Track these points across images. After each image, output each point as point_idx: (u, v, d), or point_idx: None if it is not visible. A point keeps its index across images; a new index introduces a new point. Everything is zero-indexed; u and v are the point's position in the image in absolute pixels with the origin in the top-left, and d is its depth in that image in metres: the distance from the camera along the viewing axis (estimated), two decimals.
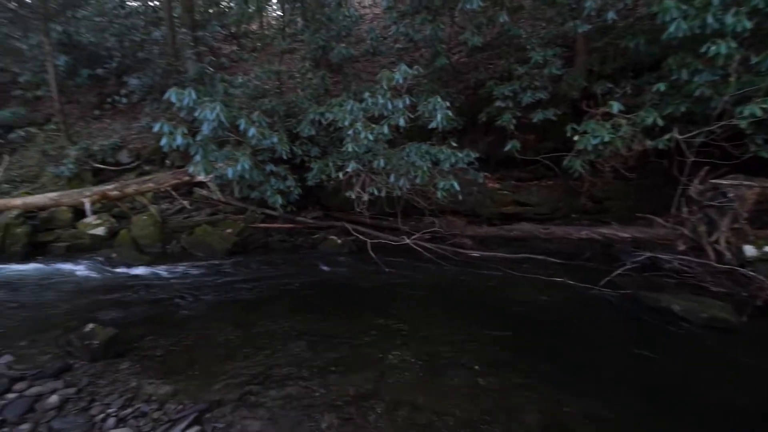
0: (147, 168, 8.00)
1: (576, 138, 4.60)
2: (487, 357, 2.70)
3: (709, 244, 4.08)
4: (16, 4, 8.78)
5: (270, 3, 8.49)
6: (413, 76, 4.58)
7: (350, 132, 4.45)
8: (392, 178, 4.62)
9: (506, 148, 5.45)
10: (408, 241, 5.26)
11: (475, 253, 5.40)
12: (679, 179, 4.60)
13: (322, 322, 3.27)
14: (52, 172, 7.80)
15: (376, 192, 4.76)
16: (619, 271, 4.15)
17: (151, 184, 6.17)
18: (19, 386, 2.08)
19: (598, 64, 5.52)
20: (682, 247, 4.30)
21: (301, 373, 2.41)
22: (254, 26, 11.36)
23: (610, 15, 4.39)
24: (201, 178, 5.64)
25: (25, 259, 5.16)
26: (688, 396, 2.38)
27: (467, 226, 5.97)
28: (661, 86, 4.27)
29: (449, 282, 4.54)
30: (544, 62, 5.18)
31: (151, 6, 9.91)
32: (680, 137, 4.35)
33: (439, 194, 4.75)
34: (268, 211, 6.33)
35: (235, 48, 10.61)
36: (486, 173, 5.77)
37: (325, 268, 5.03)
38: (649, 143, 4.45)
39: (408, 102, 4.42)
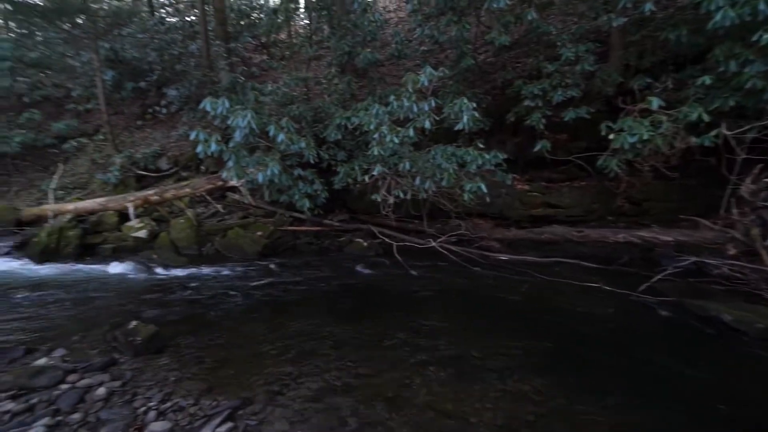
0: (184, 174, 8.42)
1: (611, 136, 4.39)
2: (517, 364, 2.62)
3: (765, 249, 3.76)
4: (70, 25, 9.55)
5: (298, 13, 8.73)
6: (438, 78, 4.56)
7: (376, 135, 4.48)
8: (418, 181, 4.60)
9: (536, 149, 5.29)
10: (434, 243, 5.22)
11: (504, 257, 5.28)
12: (728, 178, 4.28)
13: (350, 324, 3.30)
14: (100, 178, 8.39)
15: (401, 195, 4.76)
16: (660, 277, 3.91)
17: (187, 190, 6.50)
18: (71, 378, 2.26)
19: (635, 58, 5.25)
20: (732, 252, 3.99)
21: (329, 374, 2.44)
22: (282, 36, 11.75)
23: (648, 6, 4.16)
24: (233, 182, 5.88)
25: (76, 259, 5.58)
26: (742, 415, 2.20)
27: (495, 229, 5.84)
28: (707, 79, 4.00)
29: (477, 286, 4.45)
30: (576, 59, 4.99)
31: (187, 21, 10.48)
32: (729, 133, 4.04)
33: (465, 197, 4.68)
34: (296, 215, 6.49)
35: (264, 57, 11.00)
36: (514, 174, 5.63)
37: (351, 270, 5.08)
38: (693, 140, 4.16)
39: (433, 104, 4.40)
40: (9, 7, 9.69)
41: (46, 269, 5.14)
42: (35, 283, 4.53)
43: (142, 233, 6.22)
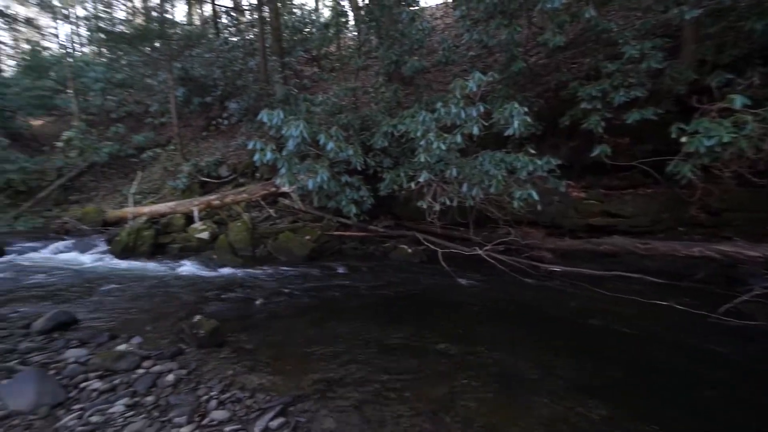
0: (241, 180, 9.06)
1: (684, 139, 3.97)
2: (573, 386, 2.44)
3: None
4: (149, 49, 10.80)
5: (347, 26, 9.08)
6: (487, 83, 4.47)
7: (422, 142, 4.49)
8: (465, 188, 4.52)
9: (593, 154, 4.95)
10: (480, 252, 5.08)
11: (556, 268, 4.98)
12: None
13: (395, 330, 3.31)
14: (171, 184, 9.31)
15: (447, 202, 4.70)
16: (746, 297, 3.44)
17: (244, 195, 6.98)
18: (146, 364, 2.51)
19: (712, 52, 4.74)
20: None
21: (374, 379, 2.47)
22: (332, 48, 12.26)
23: None
24: (285, 188, 6.20)
25: (150, 256, 6.21)
26: None
27: (546, 238, 5.54)
28: None
29: (527, 297, 4.25)
30: (641, 56, 4.62)
31: (247, 39, 11.34)
32: None
33: (515, 204, 4.51)
34: (342, 220, 6.68)
35: (315, 69, 11.54)
36: (569, 181, 5.32)
37: (396, 276, 5.10)
38: None
39: (482, 109, 4.32)
40: (103, 36, 11.20)
41: (126, 264, 5.78)
42: (117, 276, 5.11)
43: (204, 235, 6.77)
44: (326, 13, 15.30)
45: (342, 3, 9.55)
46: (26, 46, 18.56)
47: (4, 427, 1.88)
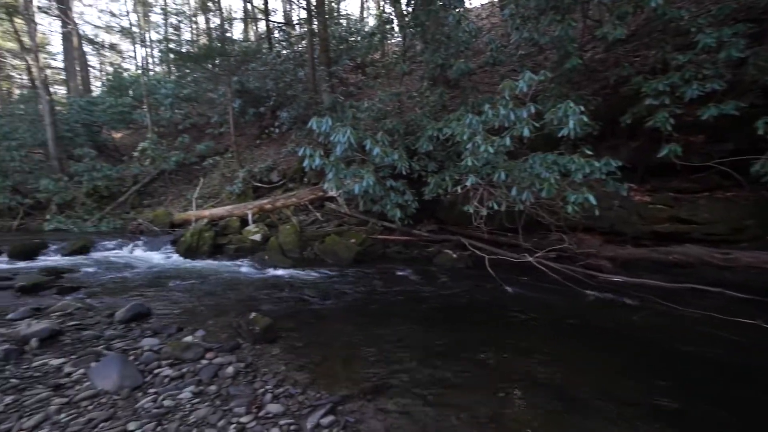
0: (291, 185, 9.51)
1: None
2: (634, 409, 2.23)
3: None
4: (211, 66, 11.77)
5: (392, 33, 9.20)
6: (539, 82, 4.29)
7: (469, 146, 4.41)
8: (514, 192, 4.36)
9: (661, 154, 4.53)
10: (530, 259, 4.84)
11: (616, 278, 4.62)
12: None
13: (440, 336, 3.26)
14: (228, 189, 10.01)
15: (495, 206, 4.56)
16: None
17: (294, 199, 7.32)
18: (209, 355, 2.72)
19: None
20: None
21: (420, 385, 2.45)
22: (377, 55, 12.50)
23: None
24: (332, 193, 6.41)
25: (209, 256, 6.73)
26: None
27: (605, 246, 5.15)
28: None
29: (583, 309, 3.97)
30: (718, 45, 4.16)
31: (297, 51, 11.93)
32: None
33: (569, 209, 4.25)
34: (386, 224, 6.75)
35: (361, 77, 11.83)
36: (631, 184, 4.91)
37: (441, 281, 5.03)
38: None
39: (533, 110, 4.14)
40: (172, 56, 12.40)
41: (189, 263, 6.31)
42: (182, 273, 5.60)
43: (257, 236, 7.18)
44: (371, 21, 15.66)
45: (387, 11, 9.72)
46: (110, 69, 21.16)
47: (94, 404, 2.13)
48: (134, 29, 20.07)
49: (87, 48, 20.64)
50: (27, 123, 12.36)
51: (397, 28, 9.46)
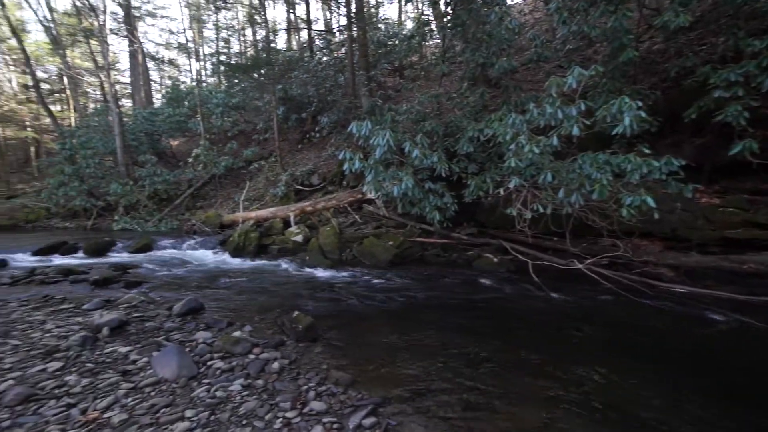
0: (330, 188, 9.76)
1: None
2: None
3: None
4: (257, 75, 12.43)
5: (431, 34, 9.15)
6: (589, 78, 4.04)
7: (512, 146, 4.26)
8: (561, 194, 4.13)
9: (733, 151, 4.09)
10: (580, 266, 4.56)
11: (680, 288, 4.22)
12: None
13: (481, 342, 3.17)
14: (272, 192, 10.48)
15: (540, 209, 4.35)
16: None
17: (334, 202, 7.49)
18: (256, 350, 2.86)
19: None
20: None
21: (462, 391, 2.39)
22: (414, 58, 12.50)
23: None
24: (371, 195, 6.47)
25: (255, 256, 7.07)
26: None
27: (666, 253, 4.73)
28: None
29: (640, 320, 3.66)
30: None
31: (337, 57, 12.25)
32: None
33: (624, 212, 3.95)
34: (424, 227, 6.69)
35: (399, 80, 11.88)
36: (696, 185, 4.47)
37: (481, 286, 4.89)
38: None
39: (583, 107, 3.91)
40: (223, 67, 13.24)
41: (237, 262, 6.68)
42: (230, 271, 5.93)
43: (299, 238, 7.44)
44: (409, 24, 15.69)
45: (426, 13, 9.70)
46: (168, 82, 23.08)
47: (156, 390, 2.32)
48: (190, 44, 21.74)
49: (150, 64, 22.68)
50: (100, 133, 13.81)
51: (435, 30, 9.41)
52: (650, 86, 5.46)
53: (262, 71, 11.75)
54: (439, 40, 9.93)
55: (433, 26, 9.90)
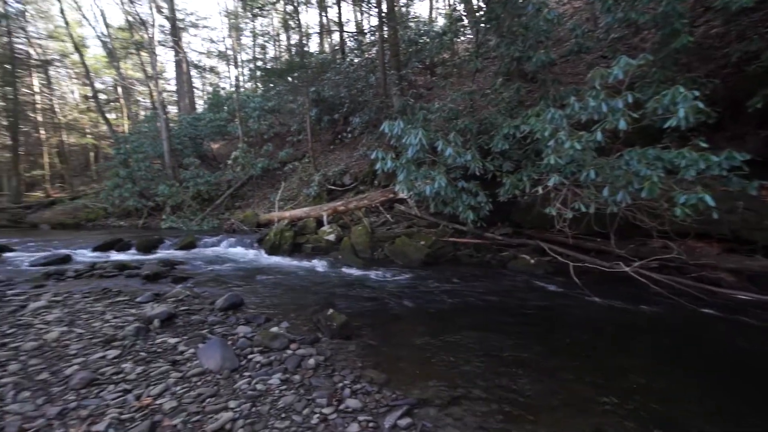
0: (362, 188, 9.85)
1: None
2: None
3: None
4: (291, 79, 12.80)
5: (463, 30, 8.97)
6: (637, 67, 3.77)
7: (551, 143, 4.07)
8: (605, 192, 3.89)
9: None
10: (627, 269, 4.28)
11: (743, 295, 3.85)
12: None
13: (517, 345, 3.06)
14: (305, 192, 10.76)
15: (583, 208, 4.13)
16: None
17: (365, 201, 7.55)
18: (293, 346, 2.94)
19: None
20: None
21: (500, 396, 2.32)
22: (446, 55, 12.32)
23: None
24: (403, 195, 6.45)
25: (290, 254, 7.29)
26: None
27: (726, 256, 4.34)
28: None
29: (696, 329, 3.38)
30: None
31: (368, 58, 12.34)
32: None
33: (677, 211, 3.65)
34: (457, 226, 6.58)
35: (431, 78, 11.76)
36: (763, 181, 4.04)
37: (517, 288, 4.73)
38: None
39: (630, 99, 3.66)
40: (260, 73, 13.76)
41: (273, 259, 6.91)
42: (267, 268, 6.15)
43: (331, 237, 7.58)
44: (440, 21, 15.49)
45: (458, 9, 9.53)
46: (209, 88, 24.35)
47: (202, 380, 2.45)
48: (229, 52, 22.81)
49: (193, 72, 24.04)
50: (149, 138, 14.85)
51: (468, 26, 9.21)
52: (707, 74, 5.02)
53: (295, 74, 12.10)
54: (470, 37, 9.72)
55: (465, 22, 9.70)
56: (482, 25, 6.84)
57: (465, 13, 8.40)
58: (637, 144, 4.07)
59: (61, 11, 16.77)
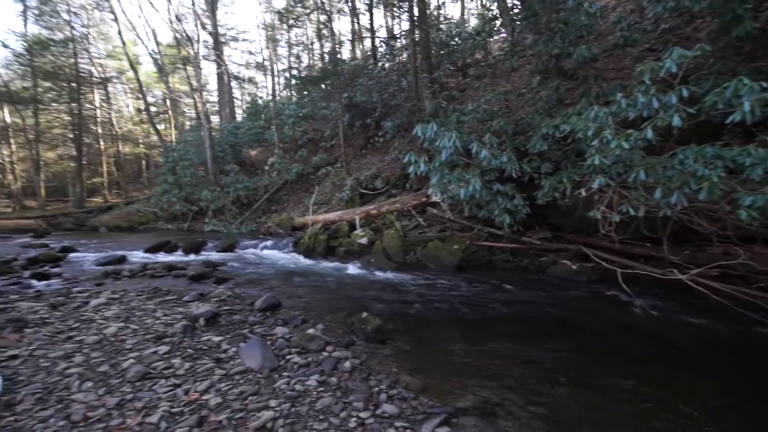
0: (393, 192, 9.87)
1: None
2: None
3: None
4: (324, 85, 13.14)
5: (498, 29, 8.77)
6: (693, 59, 3.49)
7: (595, 142, 3.85)
8: (657, 194, 3.62)
9: None
10: (682, 276, 3.94)
11: None
12: None
13: (558, 356, 2.91)
14: (338, 196, 10.95)
15: (631, 211, 3.86)
16: None
17: (398, 205, 7.55)
18: (329, 348, 2.99)
19: None
20: None
21: (541, 408, 2.21)
22: (478, 56, 12.09)
23: None
24: (436, 198, 6.38)
25: (323, 257, 7.43)
26: None
27: None
28: None
29: (765, 345, 3.04)
30: None
31: (400, 62, 12.39)
32: None
33: (742, 214, 3.31)
34: (492, 230, 6.40)
35: (463, 80, 11.59)
36: None
37: (558, 295, 4.51)
38: None
39: (685, 94, 3.39)
40: (295, 81, 14.23)
41: (308, 262, 7.08)
42: (302, 271, 6.31)
43: (364, 240, 7.64)
44: (473, 22, 15.26)
45: (491, 7, 9.33)
46: (248, 98, 25.55)
47: (244, 378, 2.54)
48: (266, 62, 23.83)
49: (232, 83, 25.34)
50: (194, 147, 15.80)
51: (502, 25, 8.98)
52: None
53: (329, 82, 12.39)
54: (504, 36, 9.48)
55: (499, 21, 9.48)
56: (518, 22, 6.64)
57: (499, 12, 8.20)
58: (693, 141, 3.76)
59: (119, 32, 18.34)
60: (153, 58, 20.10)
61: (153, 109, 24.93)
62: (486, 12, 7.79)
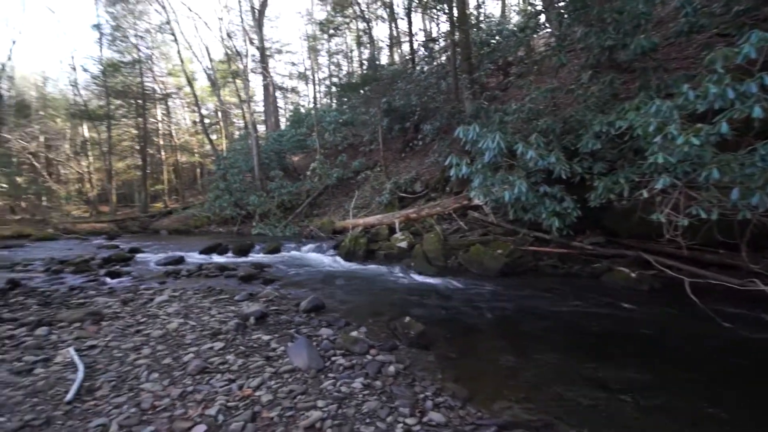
0: (432, 195, 9.77)
1: None
2: None
3: None
4: (363, 90, 13.36)
5: (542, 25, 8.40)
6: None
7: (657, 138, 3.54)
8: (735, 195, 3.24)
9: None
10: (765, 287, 3.49)
11: None
12: None
13: (617, 372, 2.68)
14: (377, 200, 11.05)
15: (702, 214, 3.50)
16: None
17: (438, 209, 7.46)
18: (372, 352, 3.00)
19: None
20: None
21: (599, 427, 2.05)
22: (520, 53, 11.65)
23: None
24: (478, 201, 6.22)
25: (364, 260, 7.51)
26: None
27: None
28: None
29: None
30: None
31: (439, 64, 12.29)
32: None
33: None
34: (538, 234, 6.11)
35: (504, 79, 11.23)
36: None
37: (613, 305, 4.18)
38: None
39: (767, 82, 3.01)
40: (335, 89, 14.63)
41: (348, 265, 7.20)
42: (343, 273, 6.43)
43: (403, 244, 7.62)
44: (514, 18, 14.77)
45: (532, 2, 8.97)
46: (291, 107, 26.70)
47: (292, 377, 2.63)
48: (308, 72, 24.77)
49: (277, 93, 26.63)
50: (242, 155, 16.78)
51: (546, 19, 8.59)
52: None
53: (368, 87, 12.59)
54: (548, 32, 9.05)
55: (542, 17, 9.07)
56: (565, 16, 6.32)
57: (544, 6, 7.86)
58: None
59: (178, 52, 20.04)
60: (207, 73, 21.69)
61: (206, 120, 26.86)
62: (529, 7, 7.48)
